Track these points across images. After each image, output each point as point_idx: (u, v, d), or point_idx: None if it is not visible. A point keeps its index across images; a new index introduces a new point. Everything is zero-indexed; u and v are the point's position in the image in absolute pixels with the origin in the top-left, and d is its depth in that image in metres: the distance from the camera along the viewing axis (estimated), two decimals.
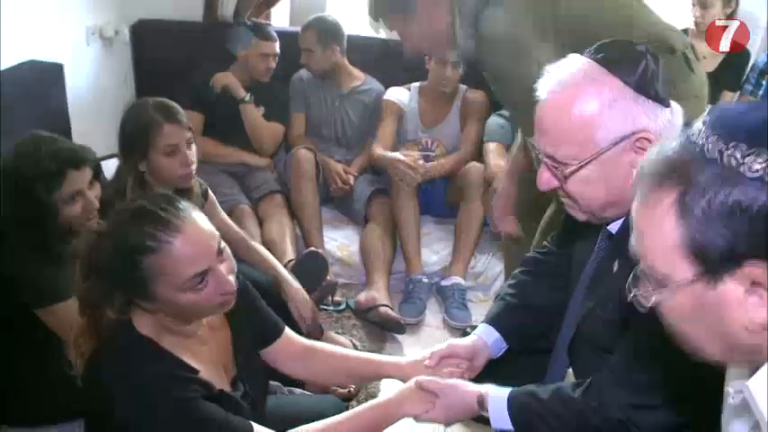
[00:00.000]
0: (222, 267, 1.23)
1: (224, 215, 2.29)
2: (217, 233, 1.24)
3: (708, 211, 0.71)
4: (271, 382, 1.87)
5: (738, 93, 3.24)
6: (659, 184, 0.76)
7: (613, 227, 1.27)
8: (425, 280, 2.87)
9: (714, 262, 0.72)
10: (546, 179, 1.22)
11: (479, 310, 2.88)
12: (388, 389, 1.86)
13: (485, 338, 1.52)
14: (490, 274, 2.98)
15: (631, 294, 0.84)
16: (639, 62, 1.12)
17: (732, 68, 3.19)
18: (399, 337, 2.64)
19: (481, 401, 1.34)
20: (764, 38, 3.40)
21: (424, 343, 2.64)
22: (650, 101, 1.13)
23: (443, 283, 2.88)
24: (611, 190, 1.17)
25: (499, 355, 1.53)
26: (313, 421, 1.38)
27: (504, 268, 2.61)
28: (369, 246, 2.92)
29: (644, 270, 0.81)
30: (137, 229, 1.16)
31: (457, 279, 2.87)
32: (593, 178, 1.16)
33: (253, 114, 3.07)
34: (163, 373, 1.18)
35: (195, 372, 1.22)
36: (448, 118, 3.21)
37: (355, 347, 2.40)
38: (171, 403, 1.16)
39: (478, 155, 3.08)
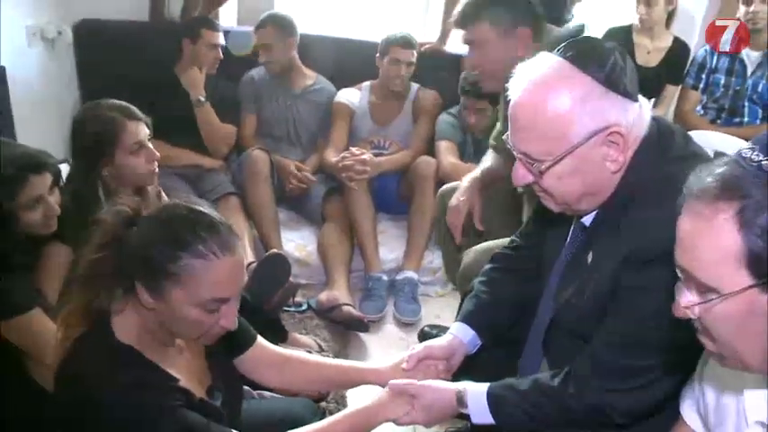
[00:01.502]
0: (235, 304, 1.22)
1: None
2: None
3: (766, 225, 0.78)
4: None
5: (680, 86, 3.35)
6: (716, 199, 0.82)
7: (587, 219, 1.30)
8: (384, 277, 2.89)
9: None
10: (521, 175, 1.24)
11: (437, 304, 2.94)
12: (357, 391, 1.87)
13: (460, 337, 1.54)
14: None
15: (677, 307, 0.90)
16: (608, 59, 1.15)
17: (674, 63, 3.30)
18: (362, 335, 2.65)
19: (460, 398, 1.36)
20: (702, 34, 3.53)
21: (388, 340, 2.67)
22: (620, 96, 1.16)
23: (396, 277, 2.91)
24: (586, 183, 1.21)
25: (474, 351, 1.55)
26: (287, 425, 1.37)
27: (444, 264, 2.65)
28: (327, 245, 2.91)
29: (692, 281, 0.87)
30: (193, 229, 1.14)
31: (409, 273, 2.89)
32: (568, 173, 1.19)
33: (208, 115, 3.03)
34: (144, 381, 1.15)
35: (176, 380, 1.20)
36: (400, 116, 3.24)
37: (320, 347, 2.39)
38: (153, 412, 1.13)
39: (429, 152, 3.11)
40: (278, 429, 1.40)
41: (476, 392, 1.35)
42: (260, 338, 1.50)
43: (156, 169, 1.94)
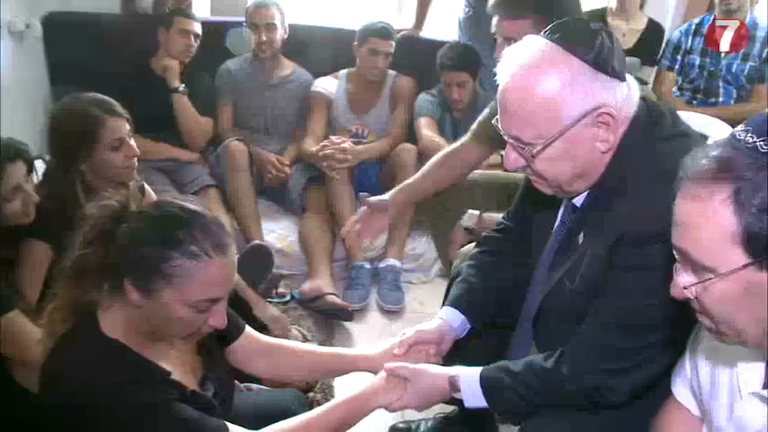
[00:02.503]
0: (224, 302, 1.20)
1: None
2: None
3: (761, 205, 0.80)
4: None
5: (656, 68, 3.37)
6: (712, 181, 0.83)
7: (578, 200, 1.30)
8: (367, 266, 2.88)
9: (765, 249, 0.81)
10: (513, 159, 1.24)
11: (420, 291, 2.94)
12: (345, 380, 1.87)
13: (449, 321, 1.53)
14: (430, 255, 3.02)
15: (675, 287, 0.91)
16: (595, 40, 1.15)
17: (649, 45, 3.32)
18: (347, 324, 2.65)
19: (453, 383, 1.36)
20: (675, 15, 3.56)
21: (372, 328, 2.67)
22: (608, 77, 1.16)
23: (379, 265, 2.90)
24: (577, 165, 1.21)
25: (464, 335, 1.55)
26: (276, 416, 1.36)
27: (436, 247, 2.64)
28: (308, 235, 2.90)
29: (689, 262, 0.88)
30: (186, 228, 1.12)
31: (392, 261, 2.89)
32: (559, 155, 1.19)
33: (186, 106, 3.00)
34: (133, 376, 1.13)
35: (167, 373, 1.18)
36: (378, 104, 3.22)
37: (304, 338, 2.38)
38: (144, 407, 1.11)
39: (408, 138, 3.10)
40: (267, 421, 1.39)
41: (468, 376, 1.35)
42: (248, 328, 1.48)
43: (135, 165, 1.90)
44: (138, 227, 1.13)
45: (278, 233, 2.99)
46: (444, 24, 3.50)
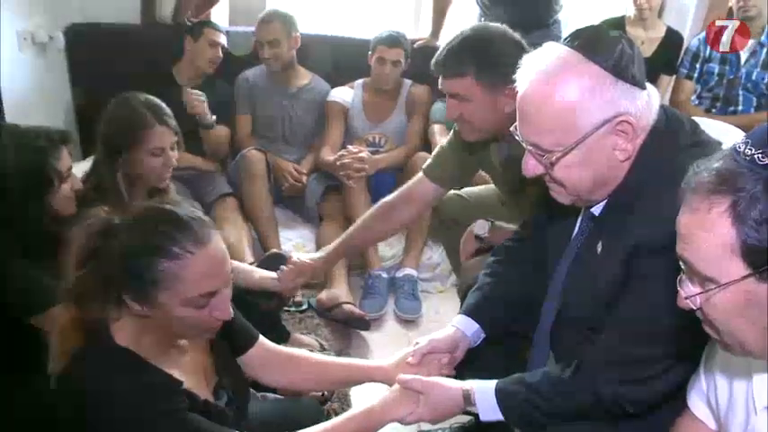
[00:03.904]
0: (226, 293, 1.20)
1: None
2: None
3: (759, 217, 0.81)
4: None
5: (674, 76, 3.35)
6: (711, 193, 0.84)
7: (596, 209, 1.29)
8: (384, 275, 2.88)
9: (764, 260, 0.82)
10: (532, 166, 1.24)
11: (437, 300, 2.93)
12: (361, 389, 1.87)
13: (463, 330, 1.53)
14: (447, 265, 3.00)
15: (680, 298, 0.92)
16: (615, 47, 1.15)
17: (667, 53, 3.30)
18: (364, 333, 2.65)
19: (467, 396, 1.35)
20: (694, 23, 3.53)
21: (389, 337, 2.67)
22: (628, 84, 1.16)
23: (396, 274, 2.90)
24: (597, 173, 1.21)
25: (478, 343, 1.55)
26: (294, 425, 1.36)
27: (448, 257, 2.64)
28: (325, 244, 2.87)
29: (692, 273, 0.89)
30: (163, 230, 1.12)
31: (409, 270, 2.89)
32: (578, 163, 1.18)
33: (217, 136, 3.03)
34: (144, 385, 1.14)
35: (179, 383, 1.18)
36: (393, 113, 3.23)
37: (321, 347, 2.38)
38: (155, 417, 1.12)
39: (425, 148, 3.09)
40: (282, 431, 1.39)
41: (484, 389, 1.34)
42: (262, 338, 1.49)
43: (170, 174, 1.95)
44: (121, 240, 1.13)
45: (295, 242, 3.00)
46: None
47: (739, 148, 0.85)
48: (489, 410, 1.33)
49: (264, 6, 3.51)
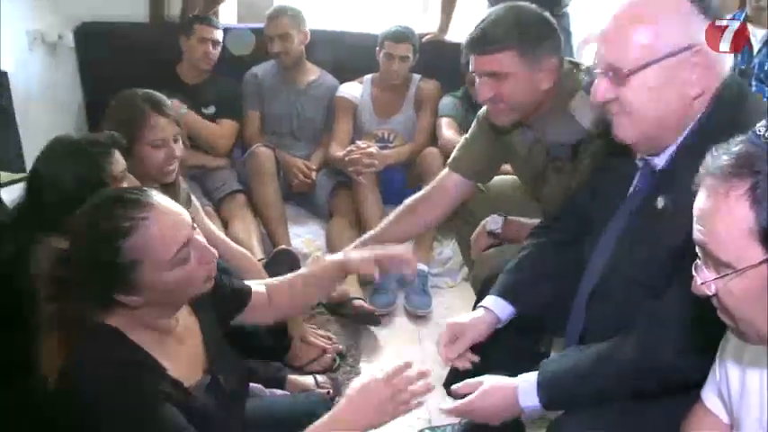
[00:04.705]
0: (199, 237, 1.21)
1: (208, 222, 2.26)
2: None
3: None
4: (252, 385, 1.85)
5: None
6: (730, 176, 0.84)
7: (660, 161, 1.29)
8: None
9: None
10: (603, 89, 1.25)
11: (448, 295, 2.93)
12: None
13: (497, 313, 1.50)
14: (458, 259, 3.00)
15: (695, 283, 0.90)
16: None
17: None
18: (374, 328, 2.64)
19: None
20: None
21: (399, 333, 2.66)
22: (707, 20, 1.19)
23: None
24: (667, 106, 1.22)
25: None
26: (301, 420, 1.35)
27: (460, 249, 2.62)
28: (335, 240, 2.90)
29: (709, 257, 0.88)
30: (107, 215, 1.12)
31: (420, 265, 2.85)
32: (651, 86, 1.21)
33: (212, 132, 3.04)
34: (126, 360, 1.13)
35: (163, 369, 1.17)
36: (403, 108, 3.22)
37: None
38: (132, 393, 1.10)
39: (434, 143, 3.09)
40: (290, 426, 1.39)
41: (527, 380, 1.32)
42: (251, 285, 1.52)
43: (175, 168, 1.94)
44: (78, 251, 1.15)
45: (305, 238, 3.00)
46: (469, 28, 3.48)
47: (759, 131, 0.85)
48: (529, 396, 1.30)
49: (272, 3, 3.52)
